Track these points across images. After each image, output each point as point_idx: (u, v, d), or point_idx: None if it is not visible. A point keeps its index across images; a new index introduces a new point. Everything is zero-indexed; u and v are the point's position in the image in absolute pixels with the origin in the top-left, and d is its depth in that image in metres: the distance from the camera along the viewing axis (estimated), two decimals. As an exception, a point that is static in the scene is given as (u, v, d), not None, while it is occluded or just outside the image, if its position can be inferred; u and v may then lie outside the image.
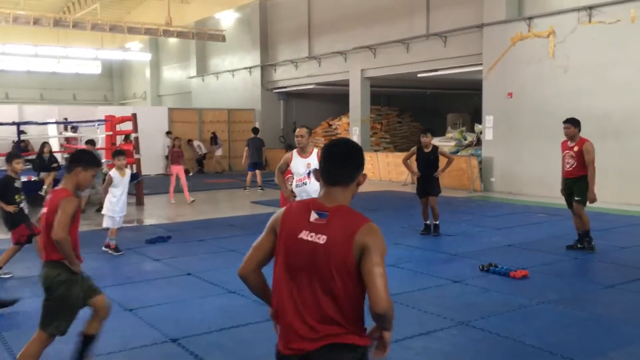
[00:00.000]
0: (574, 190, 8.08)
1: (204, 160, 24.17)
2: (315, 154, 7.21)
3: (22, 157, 7.62)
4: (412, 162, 9.93)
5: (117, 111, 20.03)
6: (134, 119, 14.61)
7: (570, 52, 14.01)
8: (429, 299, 6.22)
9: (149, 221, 12.08)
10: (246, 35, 26.60)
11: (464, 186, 16.29)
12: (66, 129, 18.58)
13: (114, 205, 8.54)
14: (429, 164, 9.50)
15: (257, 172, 16.94)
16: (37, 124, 15.42)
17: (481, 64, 16.30)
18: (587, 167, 7.84)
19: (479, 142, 17.61)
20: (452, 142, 18.88)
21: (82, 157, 4.21)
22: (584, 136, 8.16)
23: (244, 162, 16.92)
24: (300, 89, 24.50)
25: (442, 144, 18.75)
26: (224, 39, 25.90)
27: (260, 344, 5.00)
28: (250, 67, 26.16)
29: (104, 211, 8.67)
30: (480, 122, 17.19)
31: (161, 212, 13.36)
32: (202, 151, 23.98)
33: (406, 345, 4.89)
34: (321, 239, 2.38)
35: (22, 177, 13.17)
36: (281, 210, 2.58)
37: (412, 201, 9.77)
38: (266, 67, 25.57)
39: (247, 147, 16.76)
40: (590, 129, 13.93)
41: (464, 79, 19.95)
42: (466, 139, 18.83)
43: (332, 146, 2.56)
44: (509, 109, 15.51)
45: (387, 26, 19.54)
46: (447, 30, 17.40)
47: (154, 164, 22.38)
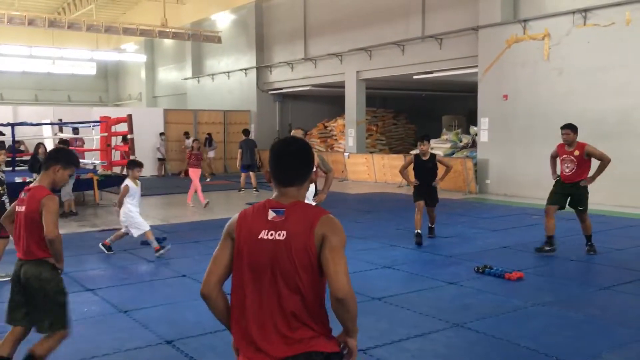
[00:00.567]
0: (574, 197, 8.09)
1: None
2: None
3: (4, 149, 7.51)
4: (410, 171, 9.53)
5: (113, 112, 20.03)
6: (129, 120, 14.60)
7: (565, 54, 14.06)
8: (424, 301, 6.22)
9: (144, 222, 12.03)
10: (242, 36, 26.59)
11: (459, 188, 16.31)
12: (61, 130, 18.52)
13: (135, 214, 8.51)
14: (427, 172, 9.18)
15: (251, 174, 16.92)
16: (31, 124, 15.38)
17: (476, 66, 16.33)
18: (602, 160, 7.91)
19: (474, 144, 17.65)
20: (448, 144, 18.91)
21: (62, 155, 4.19)
22: (579, 139, 8.18)
23: (239, 164, 16.90)
24: (296, 90, 24.51)
25: (437, 146, 18.83)
26: (219, 41, 25.89)
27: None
28: (245, 69, 26.15)
29: (126, 224, 8.54)
30: (475, 124, 17.23)
31: (156, 213, 13.31)
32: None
33: (401, 346, 4.89)
34: (281, 234, 2.36)
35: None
36: (236, 215, 2.54)
37: (407, 203, 9.75)
38: (262, 68, 25.56)
39: (240, 150, 16.68)
40: (584, 132, 13.93)
41: (459, 81, 19.99)
42: (461, 141, 18.86)
43: (279, 148, 2.51)
44: (504, 111, 15.54)
45: (382, 28, 19.56)
46: (442, 32, 17.43)
47: (150, 165, 22.35)
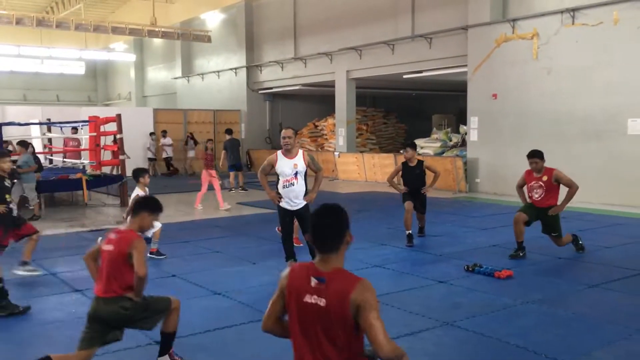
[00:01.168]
0: (545, 223, 8.06)
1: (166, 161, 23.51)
2: (301, 154, 7.18)
3: (9, 156, 7.42)
4: (398, 179, 9.56)
5: (102, 112, 19.92)
6: (118, 119, 14.50)
7: (553, 53, 14.13)
8: (414, 300, 6.23)
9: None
10: (232, 36, 26.52)
11: (449, 187, 16.35)
12: (49, 130, 18.40)
13: None
14: (415, 179, 9.19)
15: (239, 174, 16.90)
16: (19, 124, 15.24)
17: (466, 66, 16.38)
18: (570, 187, 7.80)
19: (464, 143, 17.70)
20: (438, 143, 18.97)
21: (150, 204, 4.53)
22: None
23: (222, 164, 16.81)
24: (286, 89, 24.47)
25: (427, 145, 18.88)
26: (209, 40, 25.81)
27: (244, 345, 4.99)
28: (235, 68, 26.08)
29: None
30: (465, 123, 17.27)
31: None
32: (168, 153, 23.39)
33: (392, 345, 4.89)
34: (322, 302, 2.77)
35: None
36: (285, 273, 2.97)
37: (398, 202, 9.75)
38: (252, 68, 25.51)
39: (224, 150, 16.57)
40: (572, 130, 14.14)
41: (449, 80, 20.05)
42: (451, 140, 18.92)
43: (317, 218, 2.89)
44: (494, 110, 15.60)
45: (372, 27, 19.58)
46: (432, 31, 17.46)
47: (139, 165, 22.22)
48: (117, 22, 25.03)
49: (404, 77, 19.58)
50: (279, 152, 7.21)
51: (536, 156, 7.98)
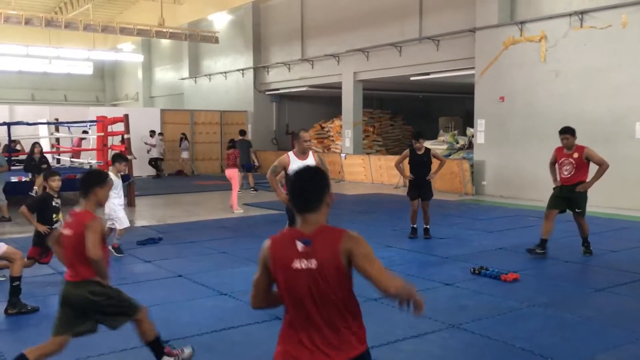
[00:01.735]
0: (572, 200, 8.11)
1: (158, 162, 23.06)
2: (311, 156, 7.28)
3: (59, 175, 7.13)
4: (405, 165, 9.89)
5: (109, 112, 19.99)
6: (125, 120, 14.56)
7: (561, 56, 14.09)
8: (420, 302, 6.22)
9: (140, 223, 12.02)
10: (239, 37, 26.58)
11: (455, 189, 16.33)
12: (57, 130, 18.49)
13: (117, 207, 8.44)
14: (422, 166, 9.51)
15: (249, 174, 16.98)
16: (28, 124, 15.34)
17: (473, 68, 16.36)
18: (601, 165, 7.92)
19: (470, 146, 17.67)
20: (444, 146, 18.94)
21: (94, 177, 4.31)
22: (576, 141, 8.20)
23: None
24: (292, 91, 24.50)
25: (434, 147, 18.83)
26: (216, 41, 25.86)
27: (250, 346, 5.00)
28: (242, 69, 26.13)
29: (110, 217, 8.42)
30: (472, 126, 17.25)
31: (152, 213, 13.31)
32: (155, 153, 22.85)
33: (397, 347, 4.90)
34: (313, 263, 2.62)
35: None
36: (266, 244, 2.77)
37: (404, 204, 9.78)
38: (259, 69, 25.55)
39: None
40: (580, 133, 13.90)
41: (456, 82, 20.02)
42: (458, 143, 18.90)
43: (295, 178, 2.79)
44: (501, 112, 15.57)
45: (379, 29, 19.58)
46: (439, 34, 17.46)
47: (146, 166, 22.32)
48: (125, 23, 25.11)
49: (411, 79, 19.56)
50: (291, 154, 7.25)
51: (567, 132, 8.05)
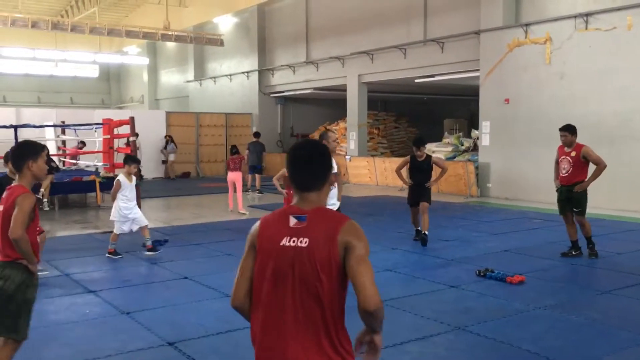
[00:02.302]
0: (571, 199, 8.10)
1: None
2: None
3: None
4: (405, 172, 9.84)
5: (115, 115, 20.06)
6: (131, 122, 14.60)
7: (566, 58, 14.08)
8: (425, 304, 6.23)
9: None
10: (244, 39, 26.65)
11: (460, 191, 16.32)
12: (63, 132, 18.57)
13: (124, 210, 8.44)
14: (422, 173, 9.43)
15: (257, 176, 17.08)
16: (34, 127, 15.42)
17: (478, 70, 16.35)
18: (598, 165, 7.93)
19: (475, 148, 17.66)
20: (449, 148, 18.93)
21: (24, 149, 4.01)
22: (579, 142, 8.19)
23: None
24: (297, 93, 24.55)
25: (439, 150, 18.85)
26: (222, 44, 25.93)
27: (257, 347, 5.01)
28: (247, 72, 26.19)
29: (113, 217, 8.52)
30: (477, 128, 17.24)
31: (158, 215, 13.34)
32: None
33: (402, 349, 4.90)
34: (303, 242, 2.34)
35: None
36: (257, 223, 2.52)
37: (408, 207, 9.76)
38: (264, 71, 25.61)
39: (247, 151, 16.92)
40: (584, 135, 13.90)
41: (461, 84, 20.02)
42: (463, 145, 18.87)
43: (297, 151, 2.49)
44: (506, 114, 15.56)
45: (384, 32, 19.60)
46: (444, 36, 17.47)
47: (152, 168, 22.38)
48: (130, 26, 25.23)
49: (416, 81, 19.57)
50: None
51: (566, 130, 8.04)
